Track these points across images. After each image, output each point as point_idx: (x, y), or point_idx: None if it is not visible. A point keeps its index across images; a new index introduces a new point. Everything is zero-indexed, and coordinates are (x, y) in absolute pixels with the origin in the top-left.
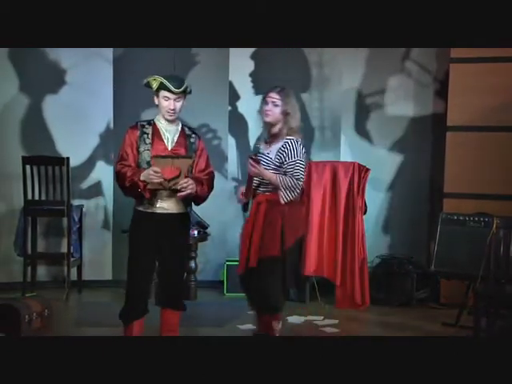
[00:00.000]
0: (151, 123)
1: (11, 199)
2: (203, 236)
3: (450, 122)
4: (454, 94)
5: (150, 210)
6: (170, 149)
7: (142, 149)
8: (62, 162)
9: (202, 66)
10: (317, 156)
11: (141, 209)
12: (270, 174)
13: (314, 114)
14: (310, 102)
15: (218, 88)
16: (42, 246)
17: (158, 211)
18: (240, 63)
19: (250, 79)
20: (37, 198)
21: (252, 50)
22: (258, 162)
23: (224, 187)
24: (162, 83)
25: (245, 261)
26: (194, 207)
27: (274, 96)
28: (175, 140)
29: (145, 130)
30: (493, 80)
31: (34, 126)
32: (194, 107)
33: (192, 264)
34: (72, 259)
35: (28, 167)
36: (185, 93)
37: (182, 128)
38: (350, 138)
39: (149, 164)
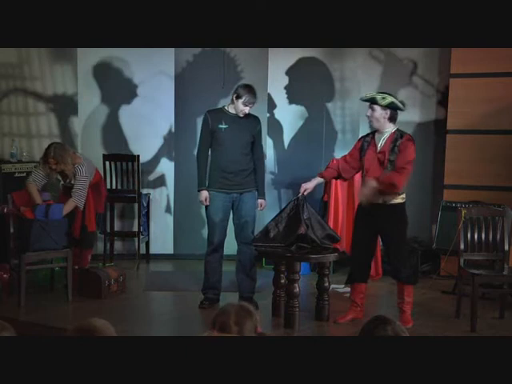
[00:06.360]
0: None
1: None
2: None
3: (449, 126)
4: (452, 104)
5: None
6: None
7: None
8: (134, 158)
9: (246, 81)
10: (339, 154)
11: None
12: None
13: (337, 119)
14: (333, 109)
15: (259, 98)
16: (118, 226)
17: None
18: (277, 78)
19: (284, 91)
20: (114, 187)
21: (287, 67)
22: None
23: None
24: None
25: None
26: None
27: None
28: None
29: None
30: (484, 92)
31: (112, 130)
32: None
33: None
34: (141, 236)
35: (107, 163)
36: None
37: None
38: None
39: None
